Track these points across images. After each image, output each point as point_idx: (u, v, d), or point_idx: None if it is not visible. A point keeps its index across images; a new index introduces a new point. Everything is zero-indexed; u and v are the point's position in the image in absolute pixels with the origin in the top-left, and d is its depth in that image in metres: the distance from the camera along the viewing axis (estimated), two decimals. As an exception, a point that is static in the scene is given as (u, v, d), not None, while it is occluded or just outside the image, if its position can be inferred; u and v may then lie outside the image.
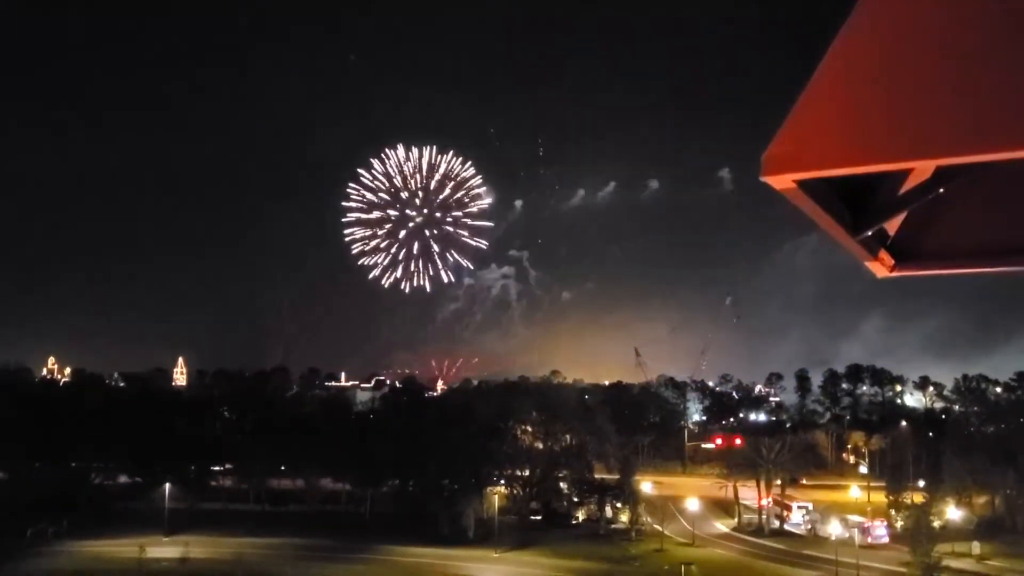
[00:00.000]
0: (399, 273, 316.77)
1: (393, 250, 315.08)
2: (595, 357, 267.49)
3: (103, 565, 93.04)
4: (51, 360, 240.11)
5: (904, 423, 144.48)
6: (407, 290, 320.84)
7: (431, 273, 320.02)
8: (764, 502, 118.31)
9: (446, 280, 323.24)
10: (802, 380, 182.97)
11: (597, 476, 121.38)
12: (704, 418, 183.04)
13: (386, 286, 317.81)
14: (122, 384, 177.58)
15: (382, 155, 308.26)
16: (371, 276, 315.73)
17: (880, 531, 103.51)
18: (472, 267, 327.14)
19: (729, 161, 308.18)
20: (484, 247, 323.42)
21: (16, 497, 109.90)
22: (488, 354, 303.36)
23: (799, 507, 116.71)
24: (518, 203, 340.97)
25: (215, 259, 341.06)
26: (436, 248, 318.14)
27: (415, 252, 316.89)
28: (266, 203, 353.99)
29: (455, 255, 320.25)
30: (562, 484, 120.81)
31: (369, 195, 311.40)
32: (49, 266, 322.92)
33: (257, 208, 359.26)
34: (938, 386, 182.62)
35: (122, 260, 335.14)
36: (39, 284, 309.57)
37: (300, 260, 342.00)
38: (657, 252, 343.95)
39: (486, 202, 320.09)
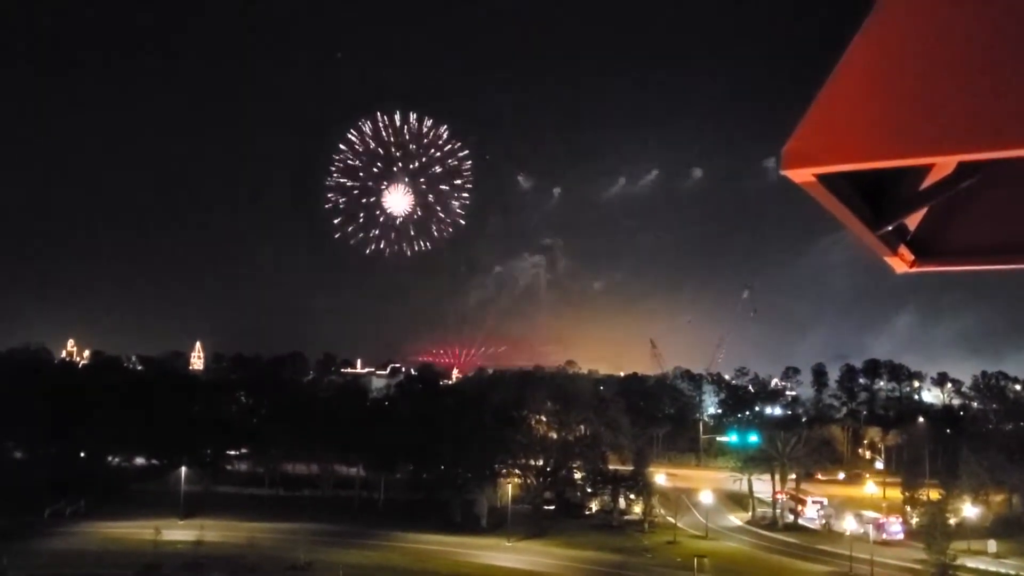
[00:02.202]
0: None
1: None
2: (615, 348, 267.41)
3: (119, 546, 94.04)
4: (70, 342, 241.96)
5: (921, 419, 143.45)
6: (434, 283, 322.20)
7: (464, 267, 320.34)
8: (779, 496, 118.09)
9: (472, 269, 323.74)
10: (819, 375, 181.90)
11: (611, 467, 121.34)
12: (719, 411, 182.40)
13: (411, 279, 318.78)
14: (140, 367, 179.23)
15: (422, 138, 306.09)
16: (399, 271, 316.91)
17: (895, 527, 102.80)
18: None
19: (777, 150, 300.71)
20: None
21: (34, 477, 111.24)
22: (509, 342, 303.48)
23: (813, 502, 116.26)
24: (556, 190, 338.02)
25: (236, 245, 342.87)
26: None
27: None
28: (289, 188, 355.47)
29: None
30: (576, 474, 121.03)
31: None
32: (70, 248, 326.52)
33: (281, 194, 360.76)
34: (956, 383, 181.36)
35: (143, 244, 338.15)
36: (60, 266, 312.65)
37: (321, 245, 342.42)
38: (689, 243, 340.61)
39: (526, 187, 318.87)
